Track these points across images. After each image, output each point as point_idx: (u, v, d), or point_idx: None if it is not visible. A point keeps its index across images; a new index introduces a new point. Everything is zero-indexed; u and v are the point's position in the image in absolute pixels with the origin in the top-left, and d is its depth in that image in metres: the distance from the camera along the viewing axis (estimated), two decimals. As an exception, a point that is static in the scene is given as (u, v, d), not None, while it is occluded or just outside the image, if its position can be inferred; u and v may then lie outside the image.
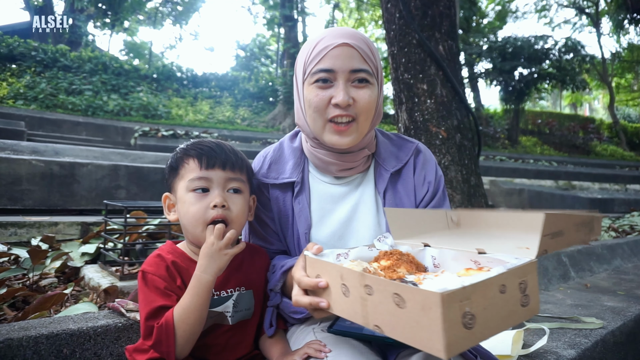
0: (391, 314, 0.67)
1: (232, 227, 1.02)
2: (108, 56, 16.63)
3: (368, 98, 1.07)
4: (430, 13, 2.91)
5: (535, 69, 16.15)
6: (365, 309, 0.72)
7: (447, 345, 0.59)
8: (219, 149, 1.06)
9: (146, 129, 10.06)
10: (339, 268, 0.79)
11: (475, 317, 0.62)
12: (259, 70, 22.93)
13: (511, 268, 0.70)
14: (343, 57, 1.05)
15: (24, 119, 9.24)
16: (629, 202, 9.01)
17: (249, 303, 1.10)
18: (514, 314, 0.69)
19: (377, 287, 0.69)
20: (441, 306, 0.58)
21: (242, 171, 1.09)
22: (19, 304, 1.93)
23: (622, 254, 4.08)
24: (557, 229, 0.80)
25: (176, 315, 0.94)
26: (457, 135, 2.87)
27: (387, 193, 1.16)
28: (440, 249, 0.93)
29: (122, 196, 4.63)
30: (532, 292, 0.72)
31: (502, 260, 0.78)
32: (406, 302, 0.64)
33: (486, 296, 0.64)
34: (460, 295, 0.60)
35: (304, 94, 1.10)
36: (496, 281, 0.66)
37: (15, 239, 3.13)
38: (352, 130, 1.07)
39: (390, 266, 0.88)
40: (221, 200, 1.01)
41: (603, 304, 2.44)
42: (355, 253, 0.97)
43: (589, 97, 38.06)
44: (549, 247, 0.79)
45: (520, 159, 15.29)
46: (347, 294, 0.77)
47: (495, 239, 0.94)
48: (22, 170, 4.08)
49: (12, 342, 1.10)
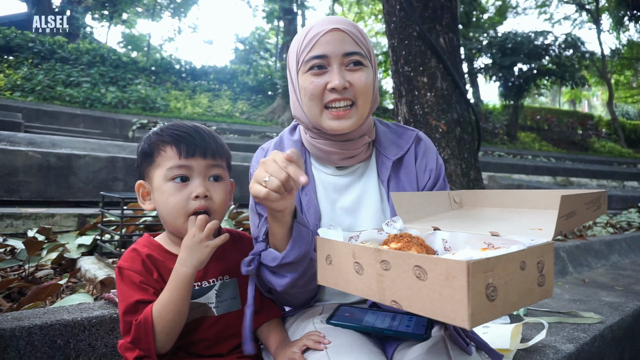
0: (410, 288, 0.66)
1: (214, 217, 0.99)
2: (106, 48, 16.54)
3: (364, 80, 1.06)
4: (431, 5, 2.88)
5: (534, 65, 16.11)
6: (382, 285, 0.71)
7: (471, 314, 0.58)
8: (198, 136, 1.01)
9: (144, 122, 10.03)
10: (351, 246, 0.78)
11: (497, 289, 0.62)
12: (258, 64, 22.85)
13: (531, 246, 0.70)
14: (335, 42, 1.03)
15: (21, 110, 9.19)
16: (626, 198, 9.04)
17: (233, 292, 1.07)
18: (531, 292, 0.69)
19: (395, 261, 0.68)
20: (467, 275, 0.58)
21: (223, 157, 1.05)
22: (15, 295, 1.92)
23: (619, 249, 4.09)
24: (571, 210, 0.81)
25: (155, 311, 0.91)
26: (457, 128, 2.85)
27: (391, 182, 1.15)
28: (451, 232, 0.92)
29: (120, 188, 4.61)
30: (547, 273, 0.73)
31: (518, 241, 0.77)
32: (428, 273, 0.63)
33: (508, 270, 0.64)
34: (484, 266, 0.60)
35: (299, 83, 1.09)
36: (517, 257, 0.66)
37: (12, 231, 3.12)
38: (352, 114, 1.06)
39: (400, 248, 0.87)
40: (203, 190, 0.98)
41: (601, 299, 2.43)
42: (365, 236, 0.96)
43: (588, 93, 38.08)
44: (564, 227, 0.79)
45: (519, 155, 15.30)
46: (361, 271, 0.75)
47: (506, 221, 0.94)
48: (18, 162, 4.05)
49: (5, 333, 1.09)
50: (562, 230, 0.78)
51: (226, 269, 1.08)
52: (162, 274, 0.99)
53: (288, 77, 1.16)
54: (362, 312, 1.05)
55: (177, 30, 32.04)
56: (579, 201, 0.84)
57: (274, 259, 0.98)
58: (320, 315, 1.08)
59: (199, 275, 1.03)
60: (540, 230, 0.81)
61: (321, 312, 1.10)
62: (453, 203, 1.15)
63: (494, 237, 0.83)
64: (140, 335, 0.91)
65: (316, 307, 1.15)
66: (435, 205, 1.11)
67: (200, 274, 1.03)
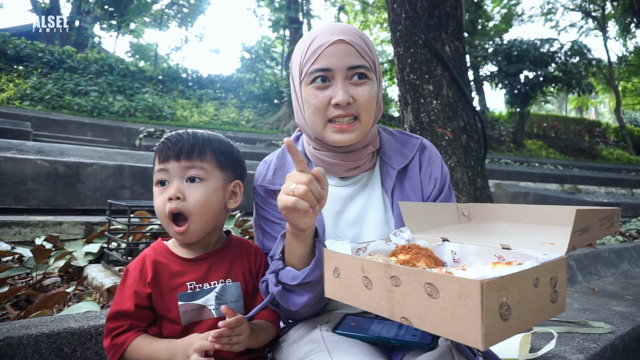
0: (421, 305, 0.65)
1: (191, 218, 1.00)
2: (114, 58, 16.72)
3: (368, 95, 1.04)
4: (436, 14, 2.89)
5: (541, 72, 16.06)
6: (392, 301, 0.70)
7: (484, 335, 0.57)
8: (176, 140, 1.02)
9: (151, 130, 10.09)
10: (360, 260, 0.76)
11: (510, 308, 0.60)
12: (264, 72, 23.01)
13: (544, 262, 0.68)
14: (339, 55, 1.02)
15: (30, 119, 9.29)
16: (635, 206, 8.94)
17: (235, 295, 1.07)
18: (544, 309, 0.68)
19: (406, 277, 0.67)
20: (480, 294, 0.56)
21: (203, 158, 1.03)
22: (22, 302, 1.93)
23: (629, 258, 4.04)
24: (585, 225, 0.80)
25: (131, 350, 0.97)
26: (464, 136, 2.84)
27: (395, 192, 1.14)
28: (461, 243, 0.91)
29: (127, 196, 4.64)
30: (560, 289, 0.71)
31: (530, 255, 0.76)
32: (440, 291, 0.62)
33: (521, 288, 0.62)
34: (498, 285, 0.58)
35: (302, 95, 1.08)
36: (531, 274, 0.64)
37: (20, 238, 3.14)
38: (355, 127, 1.05)
39: (409, 260, 0.86)
40: (174, 192, 0.99)
41: (611, 308, 2.40)
42: (373, 247, 0.95)
43: (595, 100, 37.86)
44: (577, 242, 0.78)
45: (526, 163, 15.21)
46: (370, 286, 0.74)
47: (516, 235, 0.93)
48: (27, 170, 4.09)
49: (13, 341, 1.09)
50: (575, 245, 0.77)
51: (229, 272, 1.08)
52: (159, 275, 1.02)
53: (291, 84, 1.16)
54: (369, 322, 1.04)
55: (184, 40, 32.40)
56: (593, 217, 0.83)
57: (294, 277, 0.98)
58: (326, 324, 1.07)
59: (199, 277, 1.04)
60: (552, 244, 0.80)
61: (327, 321, 1.09)
62: (461, 216, 1.14)
63: (504, 251, 0.82)
64: (109, 353, 0.98)
65: (322, 315, 1.14)
66: (443, 217, 1.10)
67: (200, 276, 1.04)
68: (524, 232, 0.97)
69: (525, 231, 0.97)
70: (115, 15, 18.77)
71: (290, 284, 0.99)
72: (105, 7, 18.19)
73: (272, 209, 1.17)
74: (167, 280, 1.01)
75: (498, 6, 22.48)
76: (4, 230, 3.13)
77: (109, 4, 18.12)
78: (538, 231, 0.95)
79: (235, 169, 1.11)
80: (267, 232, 1.19)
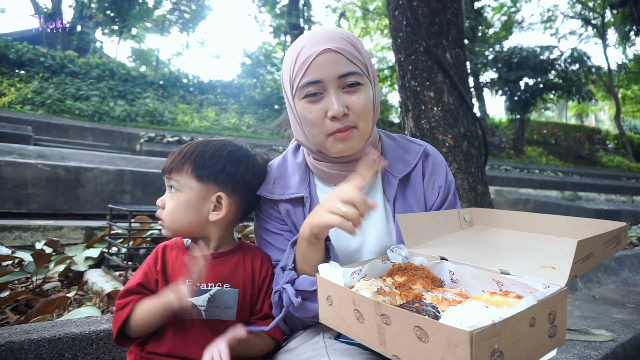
0: (411, 347, 0.64)
1: (163, 224, 1.10)
2: (115, 62, 16.80)
3: (363, 102, 1.02)
4: (437, 21, 2.91)
5: (540, 79, 16.12)
6: (383, 338, 0.69)
7: None
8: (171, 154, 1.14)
9: (152, 135, 10.11)
10: (351, 294, 0.74)
11: (503, 353, 0.59)
12: (265, 78, 23.02)
13: (542, 299, 0.66)
14: (328, 65, 0.99)
15: (31, 123, 9.32)
16: (635, 213, 8.92)
17: (229, 301, 1.06)
18: (541, 346, 0.66)
19: (395, 317, 0.65)
20: (470, 345, 0.55)
21: (179, 171, 1.08)
22: (22, 307, 1.92)
23: (630, 265, 4.03)
24: (588, 252, 0.77)
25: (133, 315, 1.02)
26: (464, 143, 2.85)
27: (397, 201, 1.12)
28: (459, 264, 0.89)
29: (127, 201, 4.64)
30: (560, 322, 0.69)
31: (529, 286, 0.74)
32: (429, 336, 0.60)
33: (516, 331, 0.61)
34: (490, 333, 0.57)
35: (297, 110, 1.06)
36: (526, 315, 0.63)
37: (20, 243, 3.14)
38: (354, 135, 1.04)
39: (405, 282, 0.84)
40: (159, 201, 1.12)
41: (612, 316, 2.39)
42: (368, 268, 0.93)
43: (595, 108, 37.92)
44: (579, 271, 0.76)
45: (526, 169, 15.22)
46: (362, 320, 0.72)
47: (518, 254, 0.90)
48: (27, 174, 4.09)
49: (14, 346, 1.09)
50: (577, 274, 0.75)
51: (228, 276, 1.08)
52: (167, 265, 1.09)
53: (285, 99, 1.13)
54: None
55: (186, 45, 32.63)
56: (596, 242, 0.79)
57: (312, 283, 0.99)
58: (329, 332, 1.06)
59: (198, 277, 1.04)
60: (553, 269, 0.77)
61: (330, 329, 1.08)
62: (463, 222, 1.12)
63: (503, 276, 0.80)
64: (113, 322, 1.04)
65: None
66: (444, 226, 1.08)
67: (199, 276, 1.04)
68: (526, 247, 0.94)
69: (527, 246, 0.94)
70: (117, 20, 18.85)
71: (310, 289, 0.99)
72: (107, 12, 18.27)
73: (273, 220, 1.16)
74: (171, 272, 1.08)
75: (498, 13, 22.61)
76: (4, 234, 3.13)
77: (110, 9, 18.21)
78: (541, 246, 0.92)
79: (222, 180, 1.09)
80: (269, 243, 1.18)
